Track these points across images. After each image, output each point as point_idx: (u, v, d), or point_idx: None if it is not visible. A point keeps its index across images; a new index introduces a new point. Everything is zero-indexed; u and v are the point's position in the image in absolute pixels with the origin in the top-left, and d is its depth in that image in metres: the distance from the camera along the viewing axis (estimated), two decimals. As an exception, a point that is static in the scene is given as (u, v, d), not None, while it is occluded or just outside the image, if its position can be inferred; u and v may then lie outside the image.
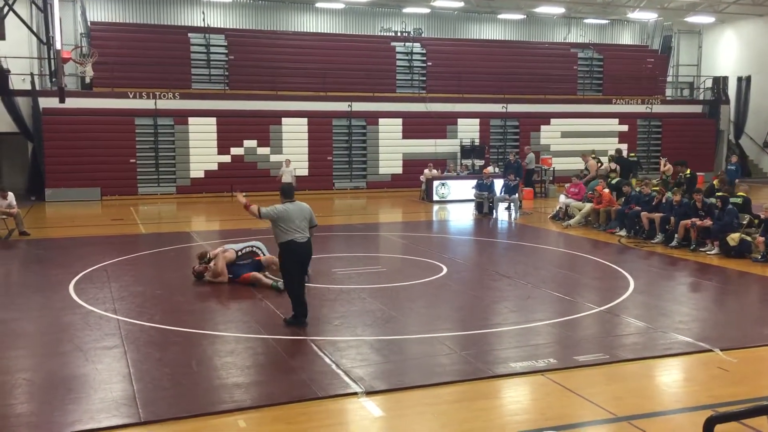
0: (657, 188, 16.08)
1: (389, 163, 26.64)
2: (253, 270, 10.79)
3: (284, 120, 25.21)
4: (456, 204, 22.16)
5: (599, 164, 21.25)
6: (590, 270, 12.38)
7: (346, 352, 7.48)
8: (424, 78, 28.06)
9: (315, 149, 25.58)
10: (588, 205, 17.19)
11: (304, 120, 25.46)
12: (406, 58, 28.11)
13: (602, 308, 9.35)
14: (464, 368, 7.04)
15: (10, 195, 16.01)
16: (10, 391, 6.51)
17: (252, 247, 11.26)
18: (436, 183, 23.06)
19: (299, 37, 28.15)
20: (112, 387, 6.51)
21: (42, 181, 22.88)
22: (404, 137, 26.64)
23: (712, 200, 14.22)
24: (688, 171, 18.26)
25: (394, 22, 30.41)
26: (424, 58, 28.24)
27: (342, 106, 25.87)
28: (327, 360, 7.23)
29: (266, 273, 10.85)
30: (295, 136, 25.34)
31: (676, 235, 14.10)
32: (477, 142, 27.06)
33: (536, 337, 8.13)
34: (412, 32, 29.78)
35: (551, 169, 25.46)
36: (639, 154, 29.54)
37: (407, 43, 28.43)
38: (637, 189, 16.22)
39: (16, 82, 22.71)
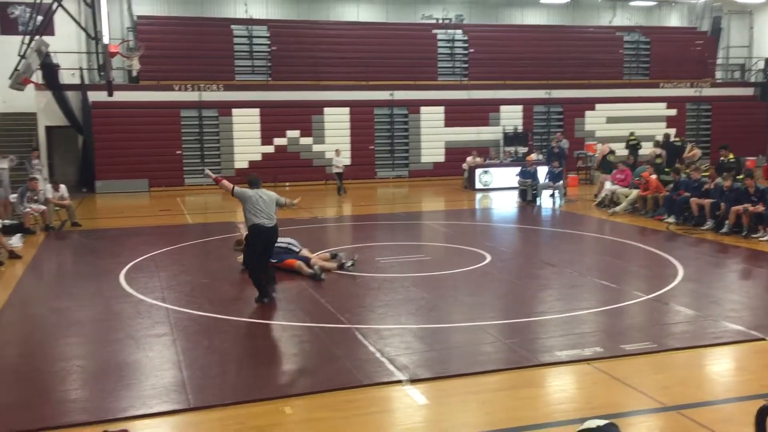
0: (707, 173, 15.70)
1: (431, 152, 26.52)
2: (299, 259, 10.88)
3: (326, 110, 25.30)
4: (499, 192, 21.99)
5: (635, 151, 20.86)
6: (637, 258, 12.18)
7: (390, 341, 7.52)
8: (467, 65, 27.81)
9: (357, 138, 25.62)
10: (635, 192, 16.88)
11: (346, 109, 25.51)
12: (448, 45, 27.89)
13: (650, 296, 9.19)
14: (509, 357, 7.02)
15: (62, 187, 16.48)
16: (65, 377, 6.72)
17: (288, 244, 11.33)
18: (478, 171, 22.91)
19: (340, 27, 28.18)
20: (162, 374, 6.67)
21: (92, 173, 23.44)
22: (446, 125, 26.48)
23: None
24: (731, 155, 17.61)
25: (435, 9, 30.18)
26: (466, 45, 27.98)
27: (384, 95, 25.83)
28: (371, 348, 7.28)
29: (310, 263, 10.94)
30: (337, 125, 25.42)
31: (727, 222, 13.76)
32: (520, 129, 26.76)
33: (582, 325, 8.04)
34: (453, 19, 29.52)
35: (596, 155, 25.01)
36: (688, 138, 28.85)
37: (449, 31, 28.20)
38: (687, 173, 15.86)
39: (66, 77, 23.28)
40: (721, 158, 17.43)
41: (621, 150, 24.44)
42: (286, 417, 5.75)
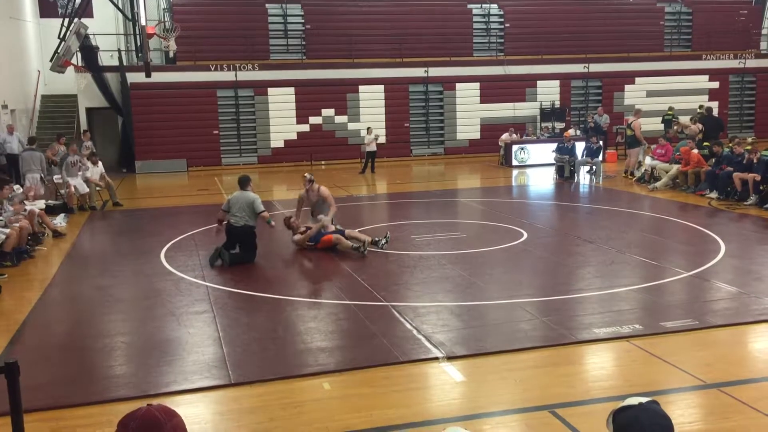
0: (749, 147, 15.32)
1: (467, 129, 26.33)
2: (334, 233, 10.91)
3: (361, 88, 25.25)
4: (536, 168, 21.76)
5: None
6: (678, 234, 11.98)
7: (426, 318, 7.55)
8: (502, 40, 27.44)
9: (392, 116, 25.55)
10: (675, 167, 16.55)
11: (381, 87, 25.42)
12: (483, 20, 27.53)
13: (691, 273, 9.05)
14: (546, 334, 6.99)
15: (100, 164, 16.78)
16: (110, 353, 6.90)
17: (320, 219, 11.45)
18: (515, 147, 22.69)
19: (374, 4, 27.96)
20: (203, 350, 6.80)
21: (132, 154, 23.82)
22: (482, 102, 26.24)
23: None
24: None
25: (470, -17, 29.77)
26: (502, 20, 27.58)
27: (418, 72, 25.65)
28: (408, 325, 7.31)
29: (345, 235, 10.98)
30: (372, 103, 25.37)
31: (771, 197, 13.44)
32: (557, 104, 26.39)
33: (620, 302, 7.96)
34: (489, -7, 29.09)
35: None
36: (731, 111, 28.15)
37: (484, 5, 27.82)
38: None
39: (105, 59, 23.61)
40: None
41: (657, 125, 23.93)
42: (325, 393, 5.83)
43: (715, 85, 27.99)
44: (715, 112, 23.35)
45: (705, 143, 17.06)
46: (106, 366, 6.58)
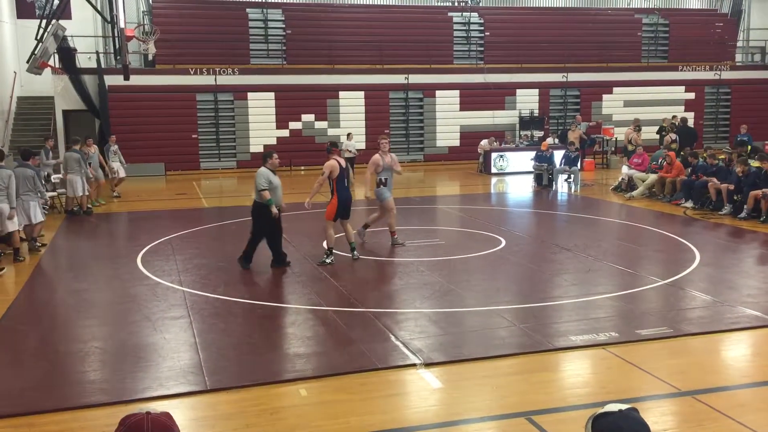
0: (723, 157, 15.55)
1: (446, 136, 26.41)
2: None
3: (341, 94, 25.24)
4: (515, 176, 21.89)
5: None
6: (654, 242, 12.10)
7: (404, 324, 7.54)
8: (482, 48, 27.58)
9: (372, 122, 25.53)
10: (652, 176, 16.73)
11: (361, 93, 25.43)
12: (464, 28, 27.66)
13: (666, 281, 9.14)
14: (523, 341, 7.02)
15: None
16: (83, 358, 6.81)
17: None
18: (494, 155, 22.81)
19: (355, 10, 28.02)
20: (179, 356, 6.74)
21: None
22: (462, 109, 26.34)
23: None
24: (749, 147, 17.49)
25: (450, -9, 29.95)
26: (482, 28, 27.73)
27: (399, 79, 25.72)
28: (386, 332, 7.30)
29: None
30: (352, 109, 25.36)
31: (745, 206, 13.63)
32: (536, 113, 26.58)
33: (597, 310, 8.02)
34: (469, 2, 29.27)
35: (613, 139, 24.83)
36: (707, 122, 28.52)
37: (464, 13, 27.97)
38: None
39: (83, 61, 23.36)
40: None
41: (652, 134, 23.92)
42: (302, 399, 5.80)
43: (691, 96, 28.38)
44: (691, 123, 23.67)
45: (682, 153, 17.24)
46: (80, 371, 6.50)
